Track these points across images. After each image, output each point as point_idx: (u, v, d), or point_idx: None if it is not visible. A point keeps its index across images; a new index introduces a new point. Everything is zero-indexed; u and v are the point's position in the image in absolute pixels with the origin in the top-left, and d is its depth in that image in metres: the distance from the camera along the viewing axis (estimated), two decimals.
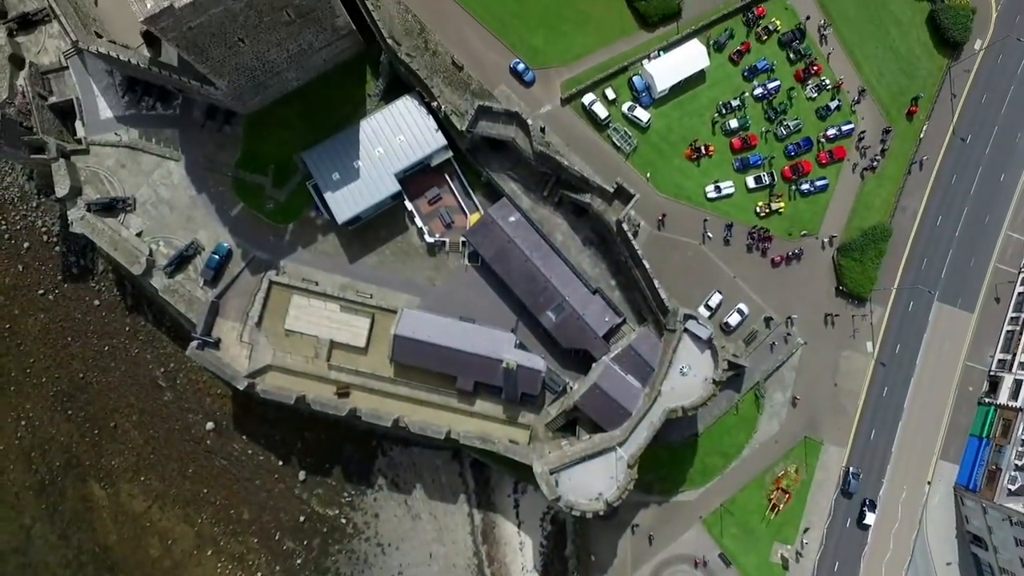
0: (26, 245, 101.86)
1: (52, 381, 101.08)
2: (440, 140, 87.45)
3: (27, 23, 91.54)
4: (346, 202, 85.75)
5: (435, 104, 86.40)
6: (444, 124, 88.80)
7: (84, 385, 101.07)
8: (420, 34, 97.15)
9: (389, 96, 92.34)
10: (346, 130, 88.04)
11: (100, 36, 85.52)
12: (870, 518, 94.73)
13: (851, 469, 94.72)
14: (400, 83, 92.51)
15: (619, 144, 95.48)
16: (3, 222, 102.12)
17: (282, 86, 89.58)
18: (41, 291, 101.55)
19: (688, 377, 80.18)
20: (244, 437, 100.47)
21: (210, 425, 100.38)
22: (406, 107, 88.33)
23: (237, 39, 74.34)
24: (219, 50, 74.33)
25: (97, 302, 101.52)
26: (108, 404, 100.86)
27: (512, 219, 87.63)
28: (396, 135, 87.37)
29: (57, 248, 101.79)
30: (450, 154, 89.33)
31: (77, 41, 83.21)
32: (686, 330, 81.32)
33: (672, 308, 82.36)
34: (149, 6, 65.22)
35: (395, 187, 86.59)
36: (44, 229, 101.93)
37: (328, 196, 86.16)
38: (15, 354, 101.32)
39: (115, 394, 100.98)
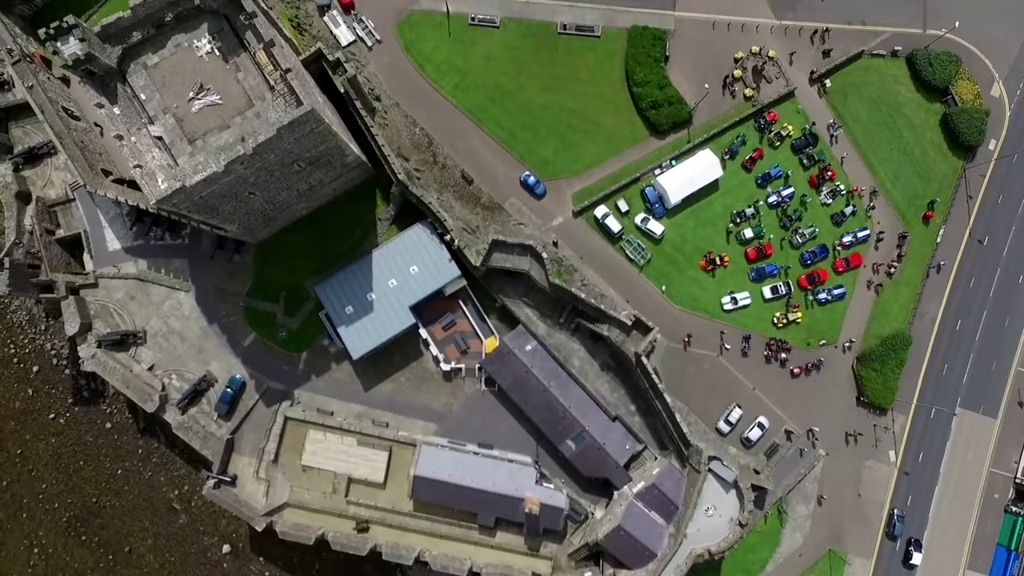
0: (35, 369, 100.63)
1: (65, 506, 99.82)
2: (454, 271, 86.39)
3: (33, 157, 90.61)
4: (360, 338, 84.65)
5: (448, 238, 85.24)
6: (457, 253, 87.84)
7: (98, 510, 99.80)
8: (428, 147, 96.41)
9: (400, 220, 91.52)
10: (358, 261, 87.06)
11: (108, 173, 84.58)
12: None
13: None
14: (411, 207, 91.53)
15: (633, 256, 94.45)
16: (12, 345, 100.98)
17: (292, 215, 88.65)
18: (52, 415, 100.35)
19: (714, 518, 79.20)
20: (261, 559, 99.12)
21: (226, 548, 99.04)
22: (418, 236, 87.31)
23: (248, 193, 73.31)
24: (230, 205, 73.31)
25: (109, 425, 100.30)
26: (122, 528, 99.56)
27: (528, 348, 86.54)
28: (409, 265, 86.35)
29: (67, 371, 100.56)
30: (464, 282, 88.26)
31: (85, 185, 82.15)
32: (710, 470, 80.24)
33: (695, 447, 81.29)
34: (163, 186, 64.08)
35: (410, 320, 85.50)
36: (53, 352, 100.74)
37: (342, 331, 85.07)
38: (27, 480, 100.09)
39: (129, 518, 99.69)
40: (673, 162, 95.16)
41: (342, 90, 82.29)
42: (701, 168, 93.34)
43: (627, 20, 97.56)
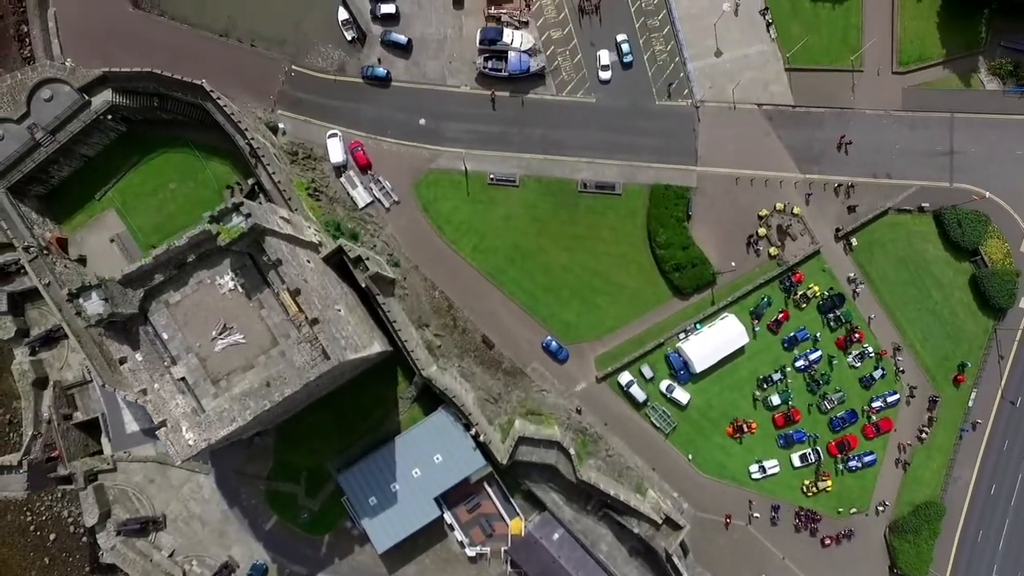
0: (52, 537, 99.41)
1: None
2: (479, 461, 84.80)
3: (49, 339, 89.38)
4: (385, 531, 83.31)
5: (473, 432, 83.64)
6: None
7: None
8: (448, 311, 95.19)
9: (422, 399, 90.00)
10: (381, 449, 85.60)
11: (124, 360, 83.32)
12: None
13: None
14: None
15: (659, 424, 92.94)
16: (28, 513, 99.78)
17: (311, 399, 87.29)
18: None
19: None
20: None
21: None
22: (442, 423, 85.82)
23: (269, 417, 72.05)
24: (251, 427, 72.00)
25: None
26: None
27: (555, 536, 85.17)
28: (433, 454, 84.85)
29: (84, 539, 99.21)
30: (489, 469, 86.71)
31: (104, 384, 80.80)
32: None
33: None
34: (189, 439, 62.78)
35: (435, 513, 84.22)
36: (71, 520, 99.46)
37: (366, 523, 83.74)
38: None
39: None
40: (698, 326, 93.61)
41: (363, 285, 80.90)
42: (727, 337, 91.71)
43: (648, 176, 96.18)
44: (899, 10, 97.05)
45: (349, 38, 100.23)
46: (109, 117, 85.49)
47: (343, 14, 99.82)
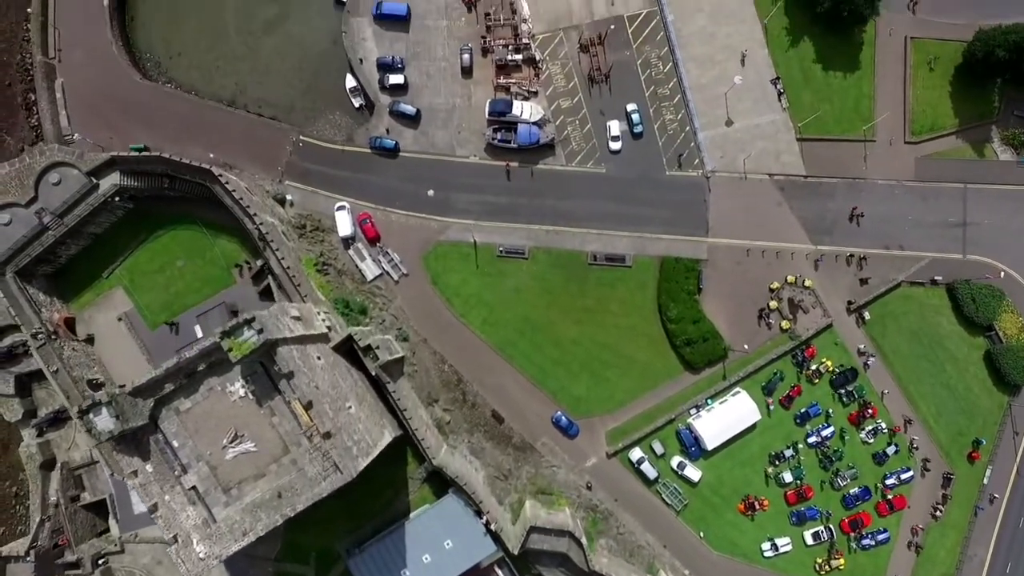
0: None
1: None
2: (490, 547, 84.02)
3: (57, 420, 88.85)
4: None
5: (484, 520, 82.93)
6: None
7: None
8: (458, 386, 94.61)
9: (432, 480, 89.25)
10: (391, 533, 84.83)
11: None
12: None
13: None
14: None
15: (670, 501, 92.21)
16: None
17: None
18: None
19: None
20: None
21: None
22: (453, 509, 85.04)
23: None
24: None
25: None
26: None
27: None
28: (443, 539, 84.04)
29: None
30: (500, 554, 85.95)
31: (113, 474, 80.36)
32: None
33: None
34: (200, 553, 62.17)
35: None
36: None
37: None
38: None
39: None
40: (709, 402, 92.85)
41: (373, 373, 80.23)
42: (739, 414, 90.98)
43: (659, 247, 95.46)
44: (911, 79, 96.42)
45: (357, 105, 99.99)
46: (117, 199, 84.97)
47: (351, 82, 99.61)
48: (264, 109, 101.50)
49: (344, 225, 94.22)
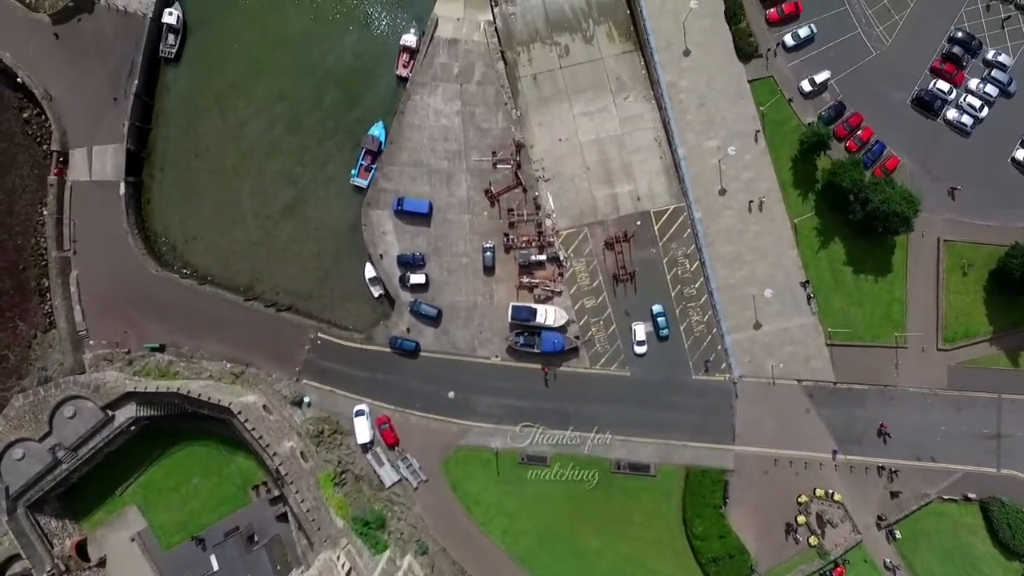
0: None
1: None
2: None
3: None
4: None
5: None
6: None
7: None
8: None
9: None
10: None
11: None
12: None
13: None
14: None
15: None
16: None
17: None
18: None
19: None
20: None
21: None
22: None
23: None
24: None
25: None
26: None
27: None
28: None
29: None
30: None
31: None
32: None
33: None
34: None
35: None
36: None
37: None
38: None
39: None
40: None
41: None
42: None
43: (685, 455, 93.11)
44: (944, 284, 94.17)
45: (376, 295, 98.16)
46: (132, 428, 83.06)
47: (370, 271, 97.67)
48: (281, 296, 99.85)
49: (363, 433, 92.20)
